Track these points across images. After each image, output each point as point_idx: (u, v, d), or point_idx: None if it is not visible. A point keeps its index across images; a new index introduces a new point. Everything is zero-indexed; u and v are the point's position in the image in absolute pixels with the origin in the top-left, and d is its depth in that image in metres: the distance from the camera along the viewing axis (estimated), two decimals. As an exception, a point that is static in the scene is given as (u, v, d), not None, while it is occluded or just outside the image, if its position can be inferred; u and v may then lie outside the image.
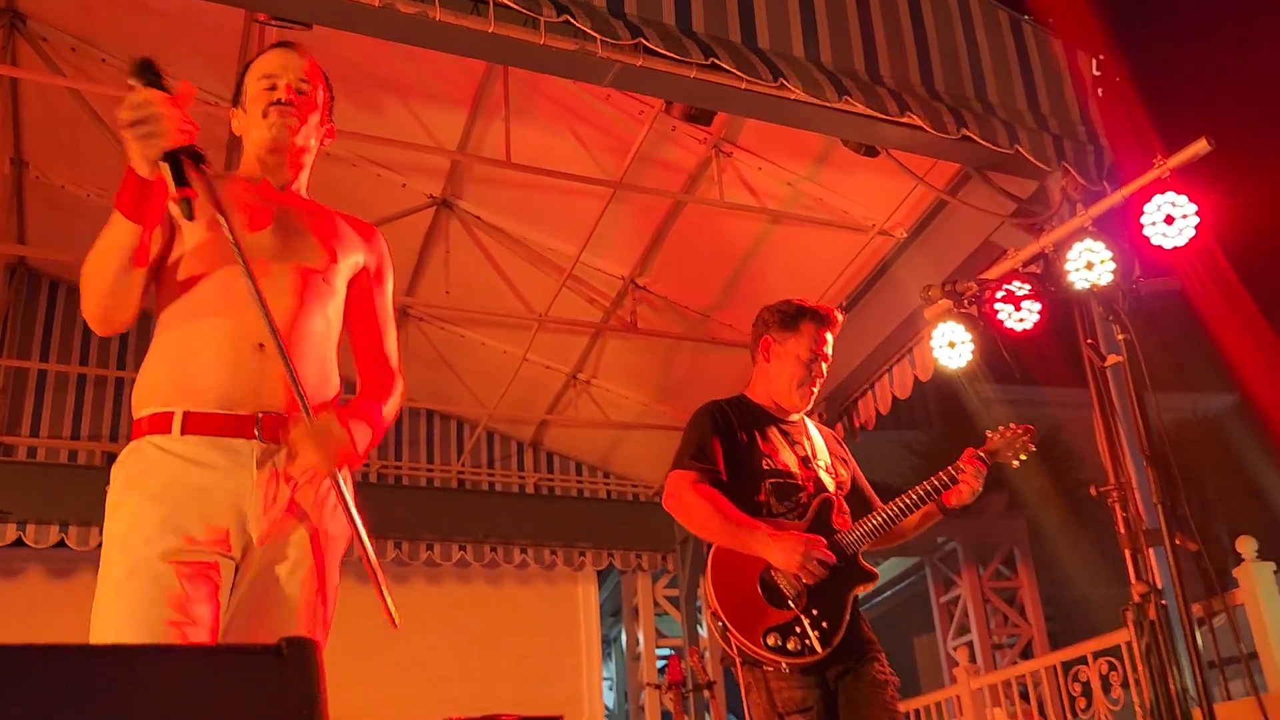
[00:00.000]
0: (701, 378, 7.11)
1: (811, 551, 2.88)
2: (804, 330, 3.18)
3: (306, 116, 2.21)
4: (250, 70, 2.28)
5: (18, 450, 7.32)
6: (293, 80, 2.21)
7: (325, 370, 2.08)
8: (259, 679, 0.78)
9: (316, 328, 2.07)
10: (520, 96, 5.43)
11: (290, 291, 2.04)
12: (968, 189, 5.18)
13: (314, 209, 2.24)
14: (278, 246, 2.09)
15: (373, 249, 2.31)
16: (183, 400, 1.93)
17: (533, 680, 8.28)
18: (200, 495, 1.89)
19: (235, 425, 1.92)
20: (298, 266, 2.08)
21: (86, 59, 5.75)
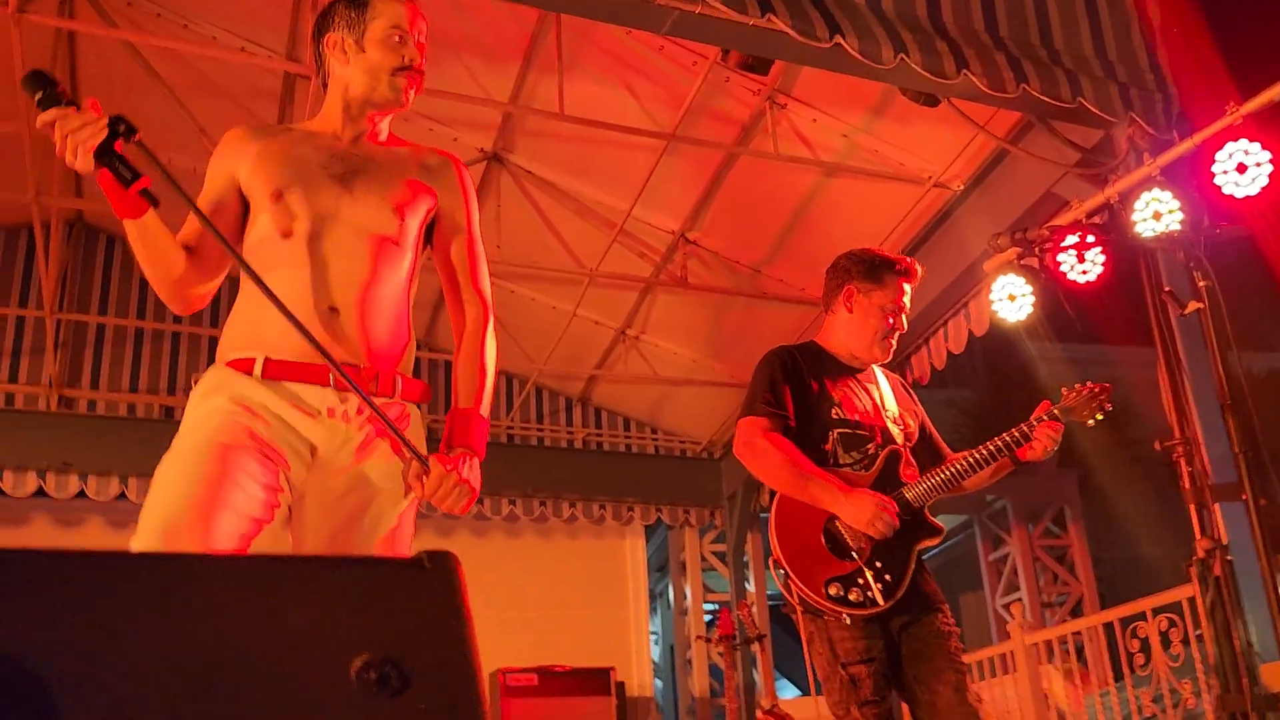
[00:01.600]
0: (752, 333, 7.07)
1: (882, 513, 2.86)
2: (888, 282, 3.13)
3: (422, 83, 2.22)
4: (374, 5, 2.19)
5: (78, 404, 7.45)
6: (418, 42, 2.20)
7: (398, 328, 2.10)
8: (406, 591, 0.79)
9: (388, 291, 2.08)
10: (572, 48, 5.39)
11: (361, 259, 2.06)
12: (1030, 138, 5.08)
13: (385, 159, 2.20)
14: (347, 215, 2.08)
15: (449, 186, 2.27)
16: (262, 348, 1.97)
17: (581, 633, 8.36)
18: (282, 421, 1.94)
19: (312, 372, 1.95)
20: (368, 233, 2.08)
21: (141, 13, 5.78)
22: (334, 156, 2.14)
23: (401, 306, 2.12)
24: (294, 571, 0.78)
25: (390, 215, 2.11)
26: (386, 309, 2.07)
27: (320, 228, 2.05)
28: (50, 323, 7.02)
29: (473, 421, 2.09)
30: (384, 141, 2.25)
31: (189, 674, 0.69)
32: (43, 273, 6.73)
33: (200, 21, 5.82)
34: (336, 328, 1.99)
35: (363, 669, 0.73)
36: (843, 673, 2.88)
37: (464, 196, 2.29)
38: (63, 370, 7.40)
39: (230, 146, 2.17)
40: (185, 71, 5.94)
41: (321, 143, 2.17)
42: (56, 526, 7.36)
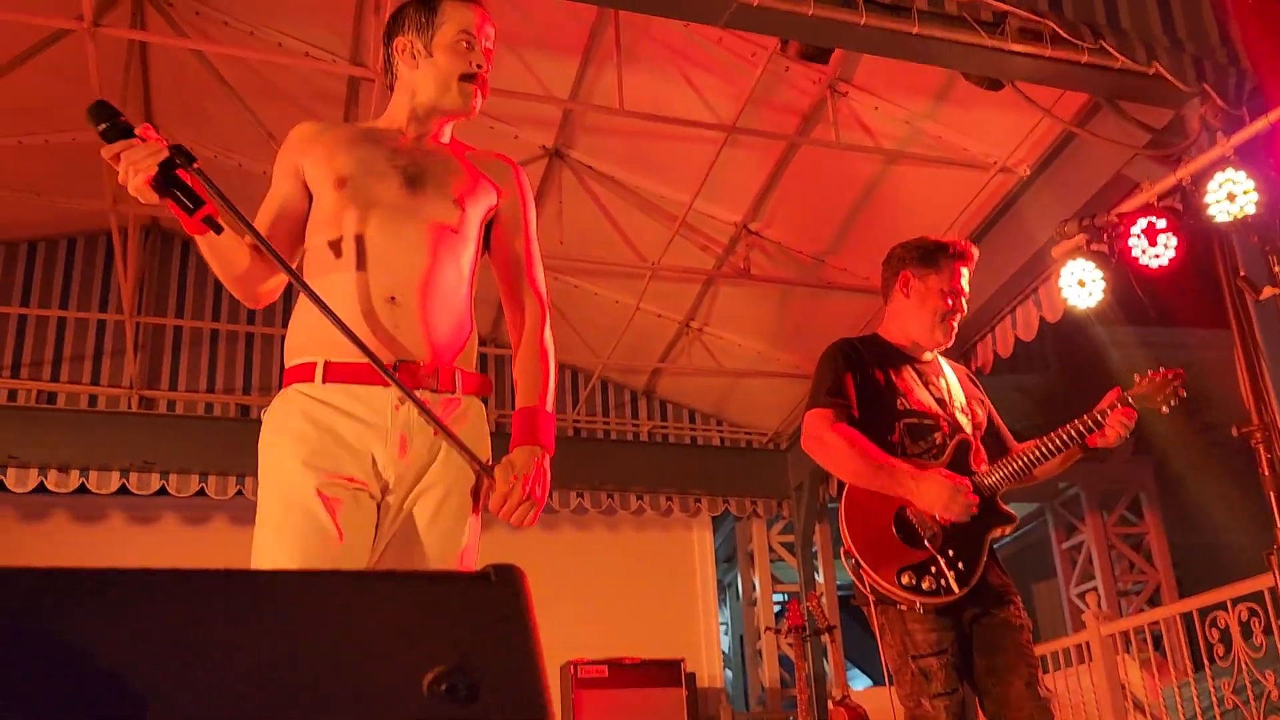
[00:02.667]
0: (816, 324, 7.04)
1: (958, 495, 2.84)
2: (944, 266, 3.11)
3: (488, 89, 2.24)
4: (445, 7, 2.21)
5: (158, 404, 7.66)
6: (485, 48, 2.22)
7: (459, 320, 2.11)
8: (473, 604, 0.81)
9: (448, 281, 2.09)
10: (631, 42, 5.41)
11: (422, 248, 2.07)
12: (1097, 120, 4.99)
13: (447, 156, 2.23)
14: (408, 204, 2.10)
15: (509, 186, 2.28)
16: (324, 351, 2.00)
17: (650, 625, 8.40)
18: (339, 438, 1.96)
19: (372, 373, 1.95)
20: (429, 222, 2.10)
21: (209, 21, 5.91)
22: (397, 150, 2.17)
23: (462, 298, 2.13)
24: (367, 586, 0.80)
25: (452, 205, 2.13)
26: (447, 300, 2.08)
27: (382, 218, 2.07)
28: (130, 326, 7.22)
29: (540, 417, 2.09)
30: (446, 143, 2.28)
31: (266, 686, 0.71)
32: (122, 278, 6.91)
33: (265, 28, 5.93)
34: (396, 318, 2.00)
35: (434, 681, 0.75)
36: (914, 665, 2.87)
37: (522, 198, 2.30)
38: (143, 372, 7.61)
39: (296, 141, 2.21)
40: (252, 77, 6.06)
41: (385, 138, 2.20)
42: (135, 524, 7.59)
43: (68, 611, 0.69)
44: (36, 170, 6.71)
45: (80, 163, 6.31)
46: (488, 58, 2.22)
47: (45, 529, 7.44)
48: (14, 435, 7.06)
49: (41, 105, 6.26)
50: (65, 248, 7.83)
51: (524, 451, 2.03)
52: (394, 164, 2.13)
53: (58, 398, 7.44)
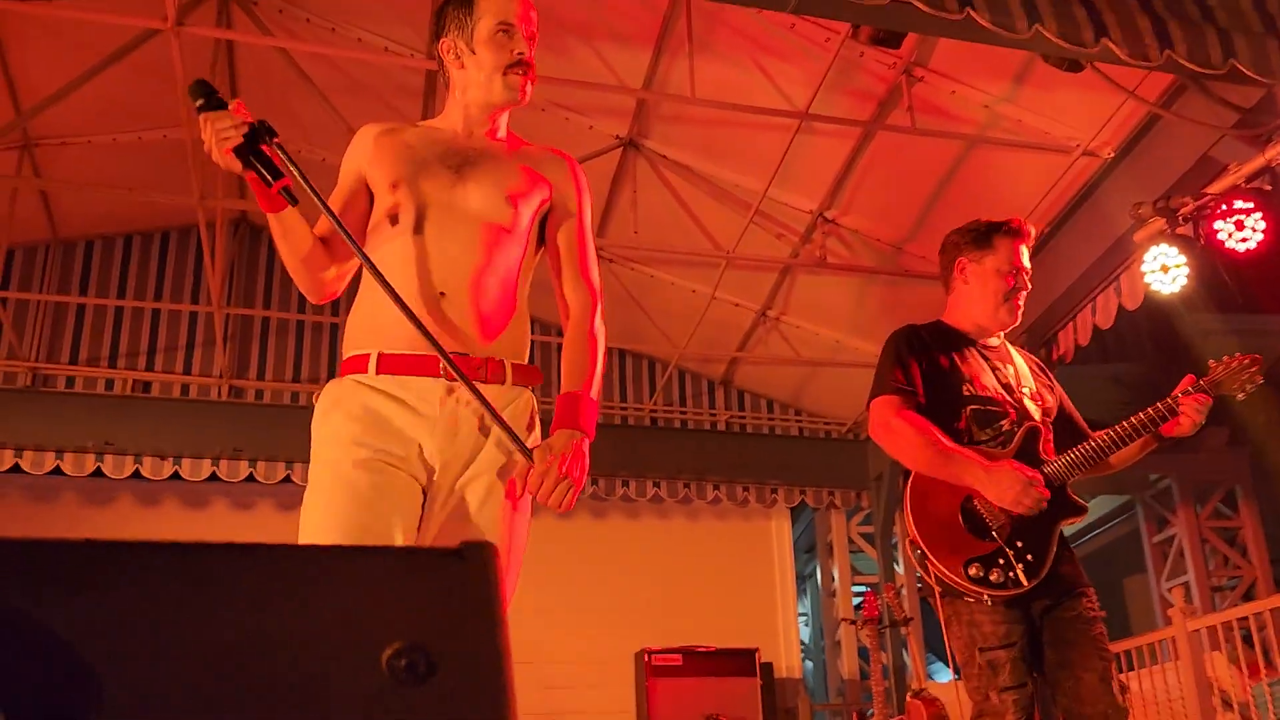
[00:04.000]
0: (895, 312, 6.94)
1: (1030, 488, 2.79)
2: (999, 245, 3.05)
3: (535, 74, 2.25)
4: (479, 3, 2.22)
5: (247, 393, 7.88)
6: (527, 33, 2.21)
7: (510, 314, 2.15)
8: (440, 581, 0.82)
9: (500, 277, 2.13)
10: (703, 30, 5.39)
11: (474, 246, 2.11)
12: (1183, 101, 4.84)
13: (502, 153, 2.26)
14: (461, 203, 2.14)
15: (563, 179, 2.30)
16: (378, 343, 2.06)
17: (728, 614, 8.39)
18: (387, 422, 2.01)
19: (422, 364, 2.02)
20: (481, 221, 2.14)
21: (292, 20, 6.05)
22: (451, 150, 2.21)
23: (514, 294, 2.17)
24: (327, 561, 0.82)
25: (504, 203, 2.16)
26: (498, 295, 2.12)
27: (435, 215, 2.12)
28: (219, 317, 7.43)
29: (581, 403, 2.11)
30: (502, 139, 2.31)
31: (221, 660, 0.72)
32: (209, 271, 7.12)
33: (346, 25, 6.05)
34: (447, 312, 2.05)
35: (393, 657, 0.77)
36: (981, 657, 2.83)
37: (577, 190, 2.32)
38: (232, 362, 7.83)
39: (358, 144, 2.27)
40: (334, 73, 6.18)
41: (440, 137, 2.24)
42: (231, 510, 7.82)
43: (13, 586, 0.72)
44: (130, 167, 6.94)
45: (170, 159, 6.52)
46: (530, 44, 2.22)
47: (159, 512, 7.69)
48: (111, 423, 7.33)
49: (134, 103, 6.48)
50: (159, 241, 8.09)
51: (563, 434, 2.05)
52: (448, 164, 2.18)
53: (152, 387, 7.70)
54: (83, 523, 7.51)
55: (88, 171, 7.00)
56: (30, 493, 7.48)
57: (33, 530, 7.34)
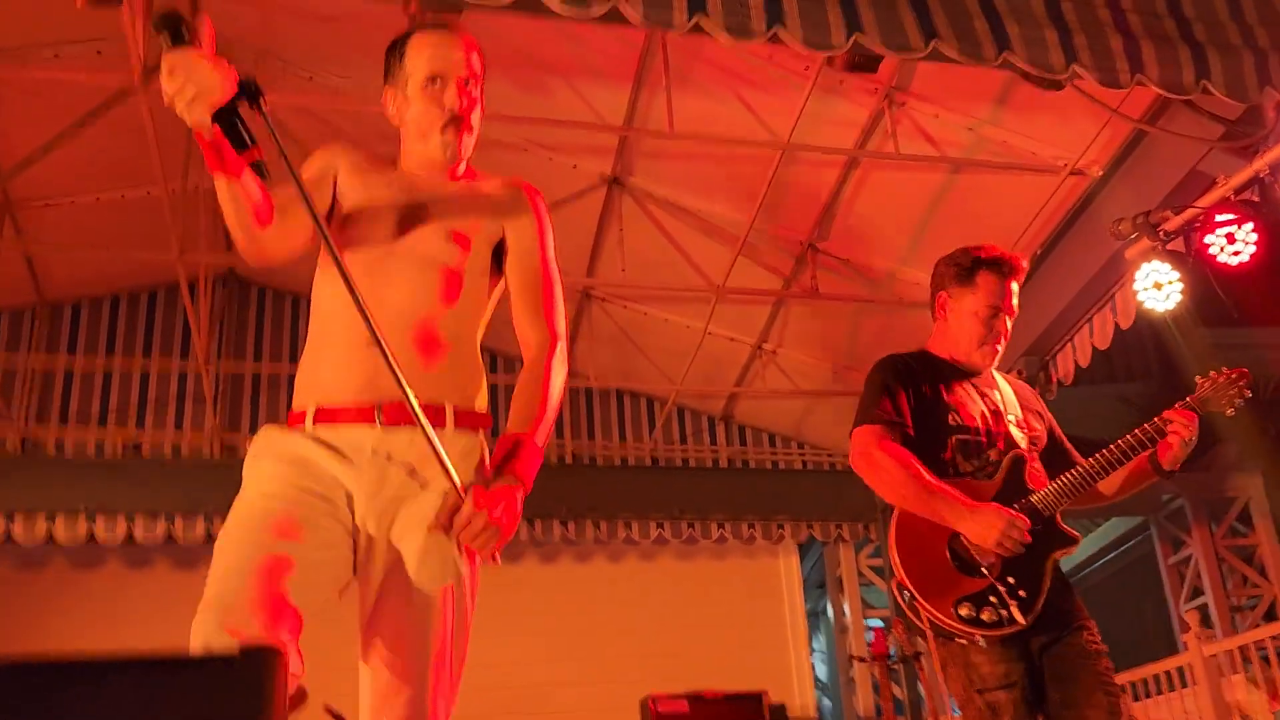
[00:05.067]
0: (891, 340, 6.80)
1: (1011, 531, 2.67)
2: (981, 283, 2.93)
3: (471, 121, 2.15)
4: (410, 51, 2.15)
5: (240, 449, 7.78)
6: (460, 79, 2.12)
7: (459, 359, 2.06)
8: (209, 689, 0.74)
9: (449, 321, 2.05)
10: (681, 65, 5.34)
11: (421, 290, 2.04)
12: (1169, 115, 4.76)
13: (456, 192, 2.17)
14: (409, 246, 2.07)
15: (519, 213, 2.20)
16: (316, 397, 2.00)
17: (739, 654, 8.23)
18: (318, 467, 1.94)
19: (356, 414, 1.95)
20: (429, 264, 2.06)
21: (268, 70, 6.00)
22: (406, 189, 2.13)
23: (465, 335, 2.09)
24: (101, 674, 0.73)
25: (451, 244, 2.09)
26: (445, 339, 2.03)
27: (383, 260, 2.04)
28: (207, 374, 7.36)
29: (523, 448, 2.00)
30: (461, 175, 2.22)
31: None
32: (194, 327, 7.06)
33: (324, 73, 6.00)
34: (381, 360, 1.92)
35: None
36: (980, 699, 2.71)
37: (537, 225, 2.21)
38: (223, 418, 7.75)
39: (337, 151, 2.19)
40: (313, 121, 6.14)
41: (397, 180, 2.15)
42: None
43: None
44: (114, 226, 6.90)
45: (153, 217, 6.46)
46: (462, 92, 2.12)
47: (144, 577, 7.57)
48: (102, 485, 7.24)
49: (114, 162, 6.43)
50: (146, 300, 8.03)
51: (498, 479, 1.95)
52: (403, 202, 2.10)
53: (143, 447, 7.61)
54: (72, 588, 7.39)
55: (72, 232, 6.95)
56: (17, 558, 7.37)
57: (22, 599, 7.24)
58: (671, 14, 3.57)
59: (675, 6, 3.58)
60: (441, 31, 2.18)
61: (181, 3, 5.59)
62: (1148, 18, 4.04)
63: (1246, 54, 3.95)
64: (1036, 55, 3.78)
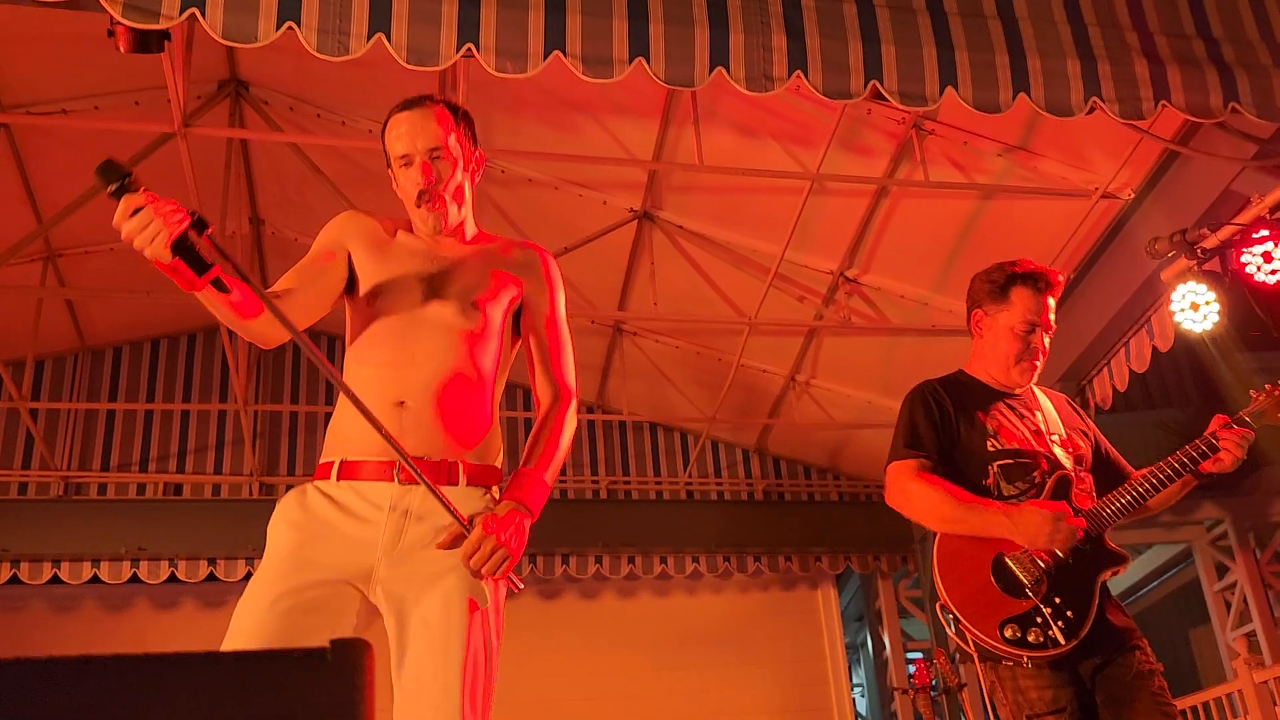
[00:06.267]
0: (925, 368, 6.74)
1: (1059, 522, 2.64)
2: (1015, 299, 2.90)
3: (448, 187, 2.27)
4: (386, 133, 2.31)
5: (278, 490, 7.85)
6: (426, 153, 2.25)
7: (475, 418, 2.18)
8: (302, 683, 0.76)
9: (465, 383, 2.17)
10: (709, 99, 5.39)
11: (439, 354, 2.17)
12: (1201, 135, 4.73)
13: (468, 256, 2.32)
14: (430, 313, 2.20)
15: (532, 276, 2.36)
16: (341, 451, 2.13)
17: (779, 688, 8.16)
18: (334, 530, 2.06)
19: (377, 470, 2.08)
20: (450, 328, 2.20)
21: (303, 115, 6.12)
22: (422, 260, 2.27)
23: (479, 396, 2.20)
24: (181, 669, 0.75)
25: (472, 309, 2.23)
26: (461, 401, 2.16)
27: (406, 328, 2.19)
28: (245, 416, 7.44)
29: (531, 479, 2.15)
30: (471, 239, 2.37)
31: None
32: (233, 370, 7.14)
33: (357, 117, 6.12)
34: (404, 421, 2.09)
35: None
36: (1030, 725, 2.67)
37: (549, 287, 2.38)
38: (261, 459, 7.82)
39: (348, 224, 2.33)
40: (346, 165, 6.24)
41: (414, 246, 2.30)
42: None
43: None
44: (152, 271, 6.94)
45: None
46: (427, 168, 2.24)
47: (177, 616, 7.64)
48: (144, 527, 7.32)
49: (153, 209, 6.55)
50: (185, 343, 8.15)
51: (506, 505, 2.08)
52: (420, 276, 2.24)
53: (184, 489, 7.69)
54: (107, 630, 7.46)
55: (111, 278, 7.07)
56: (50, 602, 7.45)
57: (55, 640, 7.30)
58: (692, 70, 3.63)
59: (696, 62, 3.63)
60: (410, 110, 2.30)
61: (219, 59, 5.73)
62: (1175, 40, 4.03)
63: (1277, 74, 3.94)
64: (1054, 93, 3.77)
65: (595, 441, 8.53)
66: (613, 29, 3.56)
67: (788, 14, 3.75)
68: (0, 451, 7.51)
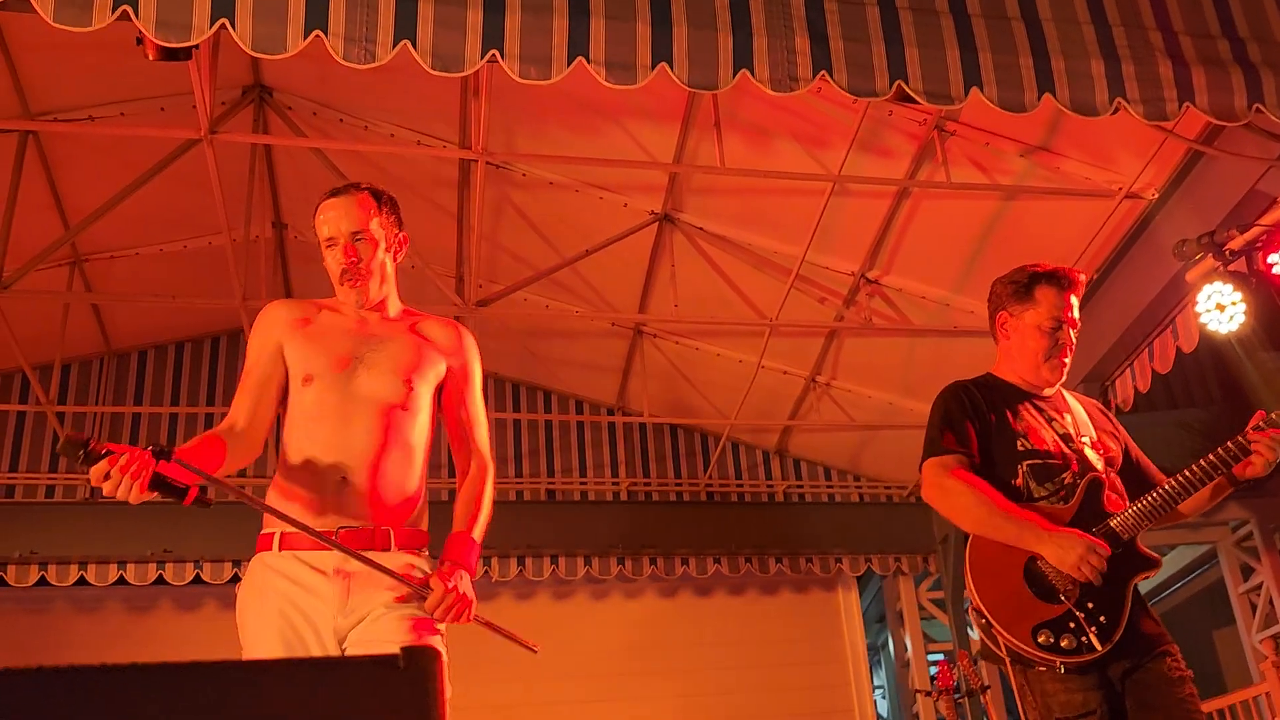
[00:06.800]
0: (946, 369, 6.73)
1: (1090, 556, 2.63)
2: (1040, 297, 2.90)
3: (370, 265, 2.52)
4: (315, 219, 2.56)
5: (300, 492, 7.89)
6: (347, 237, 2.49)
7: (406, 486, 2.45)
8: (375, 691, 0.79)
9: (396, 454, 2.43)
10: (729, 102, 5.39)
11: (372, 430, 2.41)
12: (1226, 135, 4.71)
13: (396, 332, 2.56)
14: (361, 391, 2.43)
15: (457, 350, 2.62)
16: (281, 524, 2.35)
17: (799, 691, 8.15)
18: (294, 604, 2.32)
19: (316, 541, 2.30)
20: (380, 404, 2.43)
21: (326, 120, 6.16)
22: (351, 335, 2.51)
23: (409, 467, 2.46)
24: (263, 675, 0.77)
25: (400, 385, 2.47)
26: (394, 472, 2.42)
27: (339, 405, 2.41)
28: (269, 418, 7.47)
29: (465, 542, 2.43)
30: (396, 316, 2.62)
31: None
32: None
33: (379, 121, 6.15)
34: (345, 494, 2.36)
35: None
36: (1059, 729, 2.67)
37: (468, 363, 2.63)
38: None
39: (271, 321, 2.56)
40: (369, 169, 6.26)
41: (341, 324, 2.54)
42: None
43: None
44: (177, 275, 7.08)
45: (214, 265, 6.62)
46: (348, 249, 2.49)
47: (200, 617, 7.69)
48: (169, 529, 7.37)
49: (177, 213, 6.62)
50: (210, 347, 8.20)
51: (447, 566, 2.38)
52: (349, 354, 2.47)
53: (208, 491, 7.73)
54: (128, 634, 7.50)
55: (137, 283, 7.14)
56: (77, 604, 7.51)
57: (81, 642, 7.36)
58: (716, 73, 3.64)
59: (720, 65, 3.64)
60: (337, 197, 2.56)
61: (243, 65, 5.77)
62: (1200, 39, 4.01)
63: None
64: (1079, 94, 3.76)
65: (615, 443, 8.54)
66: (636, 34, 3.56)
67: (810, 17, 3.75)
68: (28, 455, 7.58)
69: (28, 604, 7.43)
